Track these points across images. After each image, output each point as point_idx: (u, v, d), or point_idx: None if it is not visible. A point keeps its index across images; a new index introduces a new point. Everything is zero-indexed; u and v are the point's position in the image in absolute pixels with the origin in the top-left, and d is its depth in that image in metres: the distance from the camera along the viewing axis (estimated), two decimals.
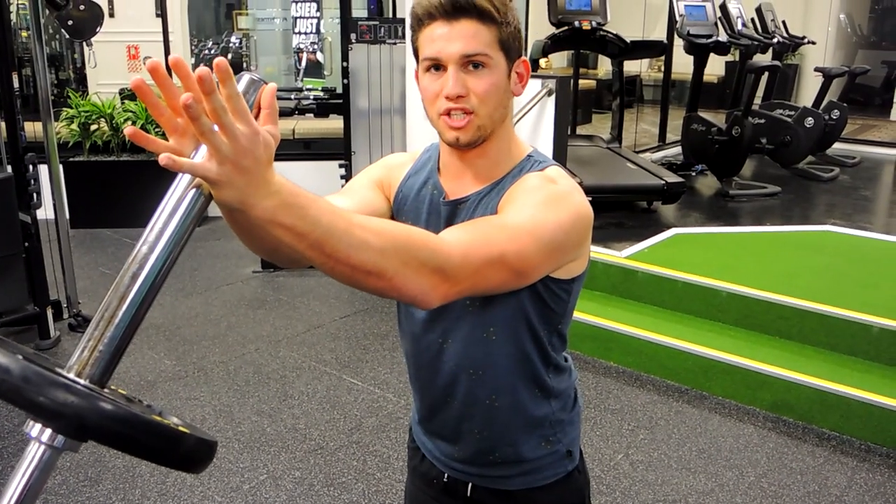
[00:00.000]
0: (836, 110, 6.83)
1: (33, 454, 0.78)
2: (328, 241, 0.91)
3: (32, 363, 0.74)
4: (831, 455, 3.13)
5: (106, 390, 0.82)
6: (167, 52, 7.05)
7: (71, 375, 0.80)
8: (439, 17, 1.18)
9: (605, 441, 3.21)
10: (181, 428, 0.82)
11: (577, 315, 4.00)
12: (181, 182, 0.85)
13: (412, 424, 1.54)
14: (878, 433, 3.19)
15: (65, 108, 6.10)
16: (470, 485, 1.42)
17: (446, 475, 1.44)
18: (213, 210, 0.88)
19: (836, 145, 7.16)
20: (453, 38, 1.17)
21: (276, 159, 0.87)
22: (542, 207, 1.16)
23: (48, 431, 0.77)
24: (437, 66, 1.20)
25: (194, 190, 0.84)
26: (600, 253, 4.34)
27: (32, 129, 4.18)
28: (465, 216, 1.27)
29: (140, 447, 0.78)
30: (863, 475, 3.00)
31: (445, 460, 1.43)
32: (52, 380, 0.74)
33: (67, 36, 4.48)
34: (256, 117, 0.86)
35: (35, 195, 4.02)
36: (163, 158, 0.80)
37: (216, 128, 0.79)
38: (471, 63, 1.18)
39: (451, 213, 1.29)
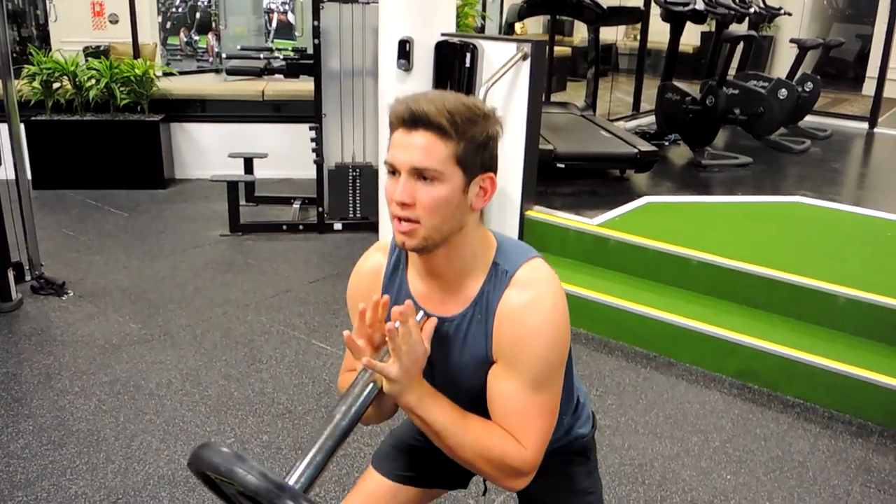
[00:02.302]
0: (809, 82, 6.85)
1: None
2: (441, 434, 1.31)
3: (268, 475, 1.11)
4: (795, 422, 3.17)
5: (310, 494, 1.24)
6: (133, 9, 6.87)
7: (291, 482, 1.21)
8: (401, 126, 1.25)
9: None
10: None
11: None
12: (364, 376, 1.32)
13: None
14: (842, 401, 3.23)
15: (26, 66, 5.93)
16: None
17: None
18: (180, 173, 0.86)
19: (808, 118, 7.18)
20: (408, 148, 1.24)
21: (245, 122, 0.88)
22: (538, 352, 1.31)
23: None
24: (394, 170, 1.26)
25: (373, 384, 1.31)
26: (572, 220, 4.33)
27: None
28: (448, 334, 1.38)
29: None
30: (826, 441, 3.04)
31: None
32: (288, 488, 1.11)
33: None
34: None
35: None
36: (365, 361, 1.27)
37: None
38: (422, 175, 1.24)
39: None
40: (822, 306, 3.56)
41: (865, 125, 7.80)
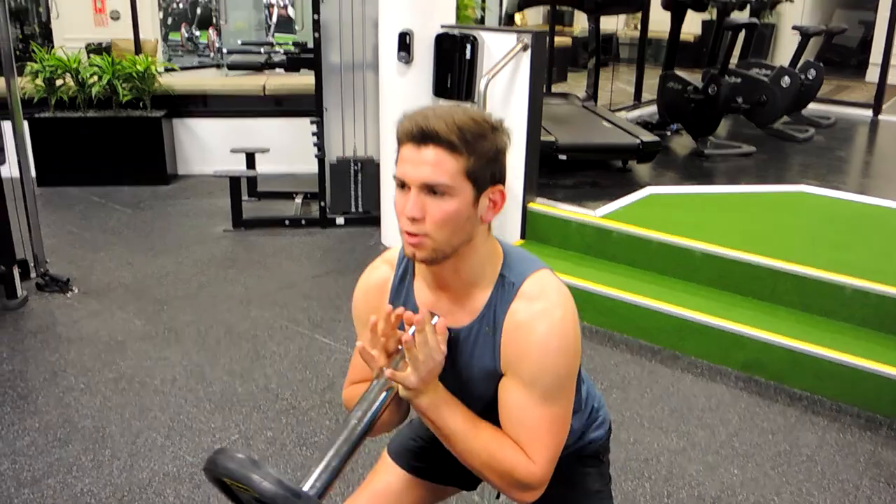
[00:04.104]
0: (812, 70, 6.81)
1: None
2: (451, 439, 1.34)
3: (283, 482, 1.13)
4: (802, 415, 3.16)
5: (324, 499, 1.25)
6: (134, 5, 6.86)
7: (306, 487, 1.23)
8: (409, 141, 1.26)
9: None
10: None
11: None
12: (378, 382, 1.35)
13: None
14: (850, 393, 3.22)
15: (29, 63, 5.92)
16: None
17: None
18: (183, 169, 0.86)
19: (812, 105, 7.14)
20: (418, 163, 1.25)
21: (247, 117, 0.88)
22: (545, 364, 1.32)
23: None
24: (404, 185, 1.27)
25: (388, 390, 1.34)
26: (574, 212, 4.31)
27: None
28: (456, 346, 1.38)
29: None
30: (833, 434, 3.02)
31: None
32: (303, 494, 1.15)
33: None
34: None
35: None
36: (388, 373, 1.31)
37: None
38: (432, 190, 1.25)
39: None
40: (828, 297, 3.54)
41: (869, 112, 7.75)
